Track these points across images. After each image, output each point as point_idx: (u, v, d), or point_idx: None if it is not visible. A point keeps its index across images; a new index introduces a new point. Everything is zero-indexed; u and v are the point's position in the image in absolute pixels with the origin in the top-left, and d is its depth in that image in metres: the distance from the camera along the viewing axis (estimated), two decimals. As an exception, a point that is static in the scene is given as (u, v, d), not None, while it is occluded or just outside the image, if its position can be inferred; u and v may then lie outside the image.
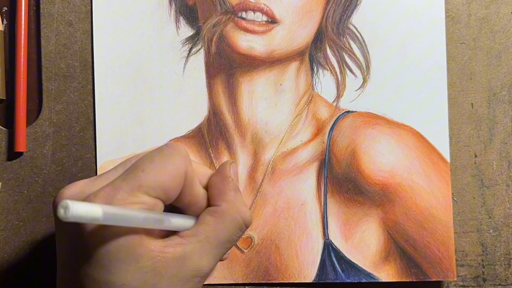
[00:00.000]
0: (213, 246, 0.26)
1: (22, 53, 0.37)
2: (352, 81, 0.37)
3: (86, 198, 0.24)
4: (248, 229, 0.36)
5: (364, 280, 0.36)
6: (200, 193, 0.28)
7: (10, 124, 0.38)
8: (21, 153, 0.37)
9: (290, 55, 0.37)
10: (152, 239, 0.25)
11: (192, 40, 0.37)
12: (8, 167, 0.37)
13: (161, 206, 0.25)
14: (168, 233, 0.26)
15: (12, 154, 0.37)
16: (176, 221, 0.26)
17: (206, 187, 0.29)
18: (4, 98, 0.38)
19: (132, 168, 0.25)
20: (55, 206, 0.26)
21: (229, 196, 0.28)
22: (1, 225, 0.37)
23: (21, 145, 0.37)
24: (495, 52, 0.38)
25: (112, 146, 0.37)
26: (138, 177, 0.24)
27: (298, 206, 0.37)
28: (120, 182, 0.24)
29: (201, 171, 0.29)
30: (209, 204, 0.28)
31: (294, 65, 0.37)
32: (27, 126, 0.37)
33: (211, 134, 0.37)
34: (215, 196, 0.28)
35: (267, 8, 0.37)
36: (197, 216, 0.28)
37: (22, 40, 0.37)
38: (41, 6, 0.37)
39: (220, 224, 0.27)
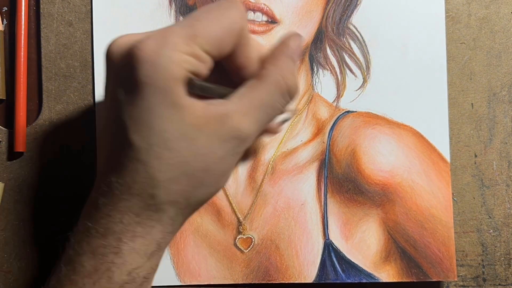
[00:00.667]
0: (255, 108, 0.25)
1: (22, 53, 0.37)
2: (352, 81, 0.37)
3: (140, 39, 0.24)
4: (248, 230, 0.36)
5: (364, 281, 0.36)
6: (253, 57, 0.27)
7: (10, 124, 0.38)
8: (21, 153, 0.37)
9: (290, 55, 0.37)
10: (196, 95, 0.25)
11: (192, 40, 0.37)
12: (8, 167, 0.37)
13: (210, 63, 0.25)
14: None
15: (12, 154, 0.37)
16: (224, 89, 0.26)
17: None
18: (4, 98, 0.38)
19: (189, 17, 0.25)
20: (106, 53, 0.27)
21: (279, 60, 0.27)
22: (1, 225, 0.37)
23: (21, 145, 0.37)
24: (495, 52, 0.38)
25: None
26: (194, 26, 0.24)
27: (298, 206, 0.37)
28: (175, 27, 0.24)
29: (258, 43, 0.29)
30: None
31: (294, 65, 0.37)
32: (27, 126, 0.37)
33: (211, 134, 0.37)
34: (267, 59, 0.27)
35: (267, 8, 0.37)
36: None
37: (22, 40, 0.37)
38: (41, 6, 0.37)
39: (263, 87, 0.26)
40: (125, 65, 0.24)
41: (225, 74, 0.28)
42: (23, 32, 0.37)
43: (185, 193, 0.25)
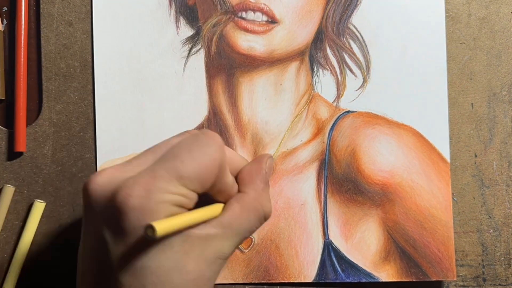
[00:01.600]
0: (235, 233, 0.27)
1: (22, 53, 0.37)
2: (352, 81, 0.38)
3: (125, 183, 0.24)
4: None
5: (364, 280, 0.36)
6: (229, 180, 0.28)
7: (10, 124, 0.38)
8: (21, 153, 0.38)
9: (290, 55, 0.37)
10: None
11: (192, 40, 0.38)
12: (8, 167, 0.37)
13: (195, 198, 0.26)
14: None
15: (12, 154, 0.38)
16: (206, 213, 0.26)
17: (237, 175, 0.30)
18: (4, 98, 0.38)
19: (171, 156, 0.25)
20: (85, 190, 0.26)
21: (259, 186, 0.29)
22: (1, 225, 0.37)
23: (21, 145, 0.37)
24: (495, 52, 0.38)
25: (112, 146, 0.37)
26: (178, 168, 0.25)
27: (298, 206, 0.37)
28: (160, 170, 0.24)
29: (235, 158, 0.30)
30: (237, 190, 0.29)
31: (294, 65, 0.38)
32: (27, 126, 0.37)
33: (211, 134, 0.37)
34: (246, 183, 0.29)
35: (267, 8, 0.37)
36: (223, 202, 0.28)
37: (22, 40, 0.37)
38: (41, 6, 0.38)
39: (244, 213, 0.27)
40: (112, 209, 0.24)
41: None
42: (23, 32, 0.37)
43: None
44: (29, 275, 0.37)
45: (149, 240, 0.24)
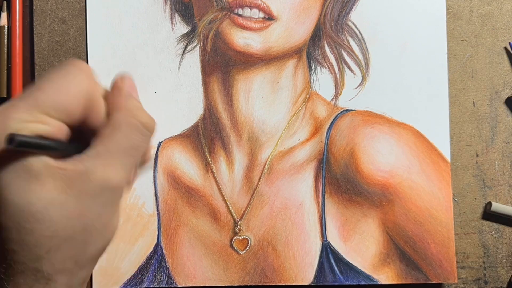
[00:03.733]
0: (116, 155, 0.26)
1: (17, 50, 0.37)
2: (351, 79, 0.37)
3: None
4: (244, 230, 0.36)
5: (363, 283, 0.36)
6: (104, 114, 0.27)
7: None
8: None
9: (288, 52, 0.37)
10: (51, 158, 0.24)
11: (188, 37, 0.37)
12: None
13: (65, 129, 0.25)
14: None
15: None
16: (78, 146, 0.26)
17: None
18: (5, 96, 0.37)
19: (31, 87, 0.25)
20: None
21: (120, 103, 0.27)
22: None
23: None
24: (497, 49, 0.38)
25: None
26: (35, 96, 0.24)
27: (296, 206, 0.37)
28: (17, 101, 0.24)
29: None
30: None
31: (291, 63, 0.37)
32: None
33: (207, 133, 0.37)
34: (110, 107, 0.27)
35: (264, 5, 0.37)
36: None
37: (17, 36, 0.37)
38: (34, 3, 0.38)
39: (116, 132, 0.26)
40: None
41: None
42: (17, 29, 0.37)
43: (72, 258, 0.25)
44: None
45: (14, 175, 0.23)
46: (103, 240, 0.26)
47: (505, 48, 0.38)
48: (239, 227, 0.37)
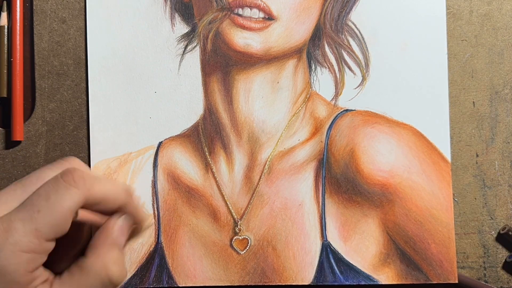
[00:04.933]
0: None
1: (18, 50, 0.37)
2: (351, 79, 0.38)
3: None
4: (244, 230, 0.37)
5: (363, 283, 0.37)
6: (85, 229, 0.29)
7: (4, 123, 0.38)
8: (17, 143, 0.38)
9: (288, 52, 0.38)
10: (27, 272, 0.25)
11: (188, 37, 0.38)
12: (0, 166, 0.38)
13: (51, 244, 0.26)
14: None
15: (6, 153, 0.38)
16: None
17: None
18: (6, 96, 0.38)
19: (28, 204, 0.26)
20: None
21: (101, 250, 0.28)
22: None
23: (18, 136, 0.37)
24: (497, 49, 0.39)
25: (105, 145, 0.38)
26: (34, 219, 0.25)
27: (296, 206, 0.37)
28: (16, 222, 0.25)
29: (111, 192, 0.29)
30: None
31: (291, 63, 0.38)
32: (19, 125, 0.38)
33: (207, 133, 0.38)
34: (90, 247, 0.29)
35: (264, 5, 0.37)
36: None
37: (18, 36, 0.38)
38: (34, 3, 0.38)
39: (84, 278, 0.27)
40: None
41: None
42: (18, 29, 0.38)
43: None
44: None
45: None
46: None
47: None
48: (239, 227, 0.37)
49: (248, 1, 0.37)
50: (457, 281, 0.37)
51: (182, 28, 0.38)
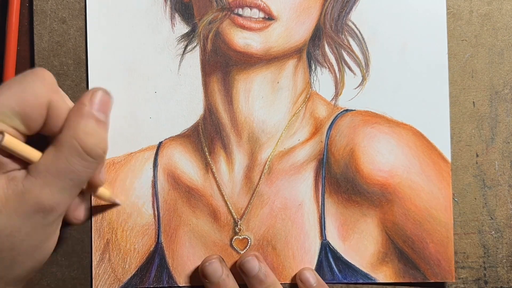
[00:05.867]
0: (53, 177, 0.26)
1: (11, 50, 0.38)
2: (351, 79, 0.39)
3: None
4: (244, 230, 0.37)
5: (361, 281, 0.37)
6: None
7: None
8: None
9: (288, 52, 0.38)
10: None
11: (188, 37, 0.39)
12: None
13: (19, 137, 0.25)
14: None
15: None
16: (27, 152, 0.26)
17: None
18: None
19: None
20: None
21: (72, 122, 0.27)
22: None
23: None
24: (497, 49, 0.39)
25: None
26: None
27: (296, 206, 0.38)
28: None
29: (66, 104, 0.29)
30: None
31: (291, 63, 0.39)
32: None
33: (207, 133, 0.38)
34: (65, 123, 0.28)
35: (264, 5, 0.38)
36: None
37: (12, 35, 0.38)
38: (34, 3, 0.39)
39: (58, 153, 0.26)
40: None
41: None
42: (13, 28, 0.38)
43: None
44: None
45: None
46: (32, 262, 0.26)
47: None
48: (239, 227, 0.38)
49: (248, 1, 0.38)
50: (454, 280, 0.37)
51: (182, 28, 0.39)
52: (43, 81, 0.26)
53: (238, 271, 0.36)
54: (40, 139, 0.30)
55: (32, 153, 0.27)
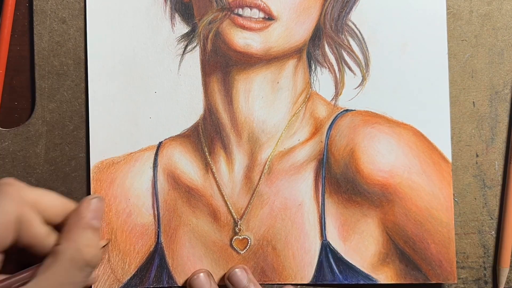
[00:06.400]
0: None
1: (3, 51, 0.38)
2: (351, 79, 0.39)
3: None
4: (244, 230, 0.37)
5: (362, 282, 0.37)
6: (41, 232, 0.28)
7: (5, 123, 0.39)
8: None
9: (288, 52, 0.38)
10: None
11: (188, 37, 0.39)
12: (0, 167, 0.39)
13: None
14: None
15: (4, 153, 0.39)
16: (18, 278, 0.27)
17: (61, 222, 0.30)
18: None
19: None
20: None
21: (73, 234, 0.28)
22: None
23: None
24: (497, 49, 0.39)
25: (105, 146, 0.38)
26: None
27: (296, 206, 0.38)
28: None
29: (54, 204, 0.29)
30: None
31: (291, 63, 0.39)
32: (19, 125, 0.39)
33: (207, 133, 0.38)
34: (62, 233, 0.28)
35: (264, 5, 0.38)
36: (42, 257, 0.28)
37: (5, 36, 0.38)
38: (34, 3, 0.39)
39: (57, 265, 0.27)
40: None
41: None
42: (6, 28, 0.38)
43: None
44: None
45: None
46: None
47: None
48: (239, 227, 0.38)
49: (248, 1, 0.38)
50: (456, 281, 0.37)
51: (182, 28, 0.39)
52: (10, 198, 0.26)
53: (226, 283, 0.36)
54: None
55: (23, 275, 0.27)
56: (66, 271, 0.27)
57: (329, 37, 0.39)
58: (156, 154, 0.38)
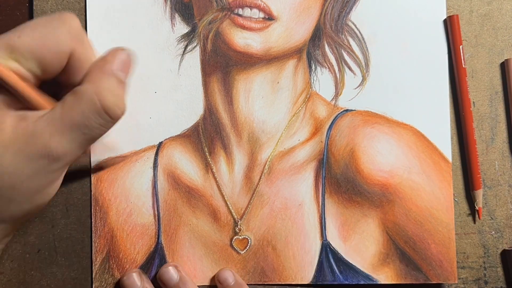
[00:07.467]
0: (67, 127, 0.26)
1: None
2: (351, 79, 0.39)
3: None
4: (244, 230, 0.38)
5: (362, 282, 0.37)
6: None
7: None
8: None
9: (288, 52, 0.39)
10: (10, 109, 0.25)
11: (188, 37, 0.39)
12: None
13: (32, 79, 0.25)
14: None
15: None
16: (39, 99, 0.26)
17: None
18: None
19: (13, 29, 0.25)
20: None
21: (95, 76, 0.27)
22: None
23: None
24: (497, 49, 0.39)
25: (106, 145, 0.38)
26: (12, 41, 0.24)
27: (296, 206, 0.38)
28: None
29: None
30: None
31: (291, 63, 0.39)
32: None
33: (207, 133, 0.39)
34: (84, 77, 0.27)
35: (264, 5, 0.38)
36: None
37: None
38: (34, 3, 0.39)
39: (76, 104, 0.26)
40: None
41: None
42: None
43: None
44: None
45: None
46: (30, 205, 0.27)
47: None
48: (239, 227, 0.38)
49: (248, 1, 0.38)
50: (456, 281, 0.37)
51: (182, 28, 0.39)
52: (68, 29, 0.26)
53: (158, 282, 0.36)
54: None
55: (32, 96, 0.26)
56: (81, 111, 0.26)
57: (329, 37, 0.39)
58: (156, 154, 0.38)
